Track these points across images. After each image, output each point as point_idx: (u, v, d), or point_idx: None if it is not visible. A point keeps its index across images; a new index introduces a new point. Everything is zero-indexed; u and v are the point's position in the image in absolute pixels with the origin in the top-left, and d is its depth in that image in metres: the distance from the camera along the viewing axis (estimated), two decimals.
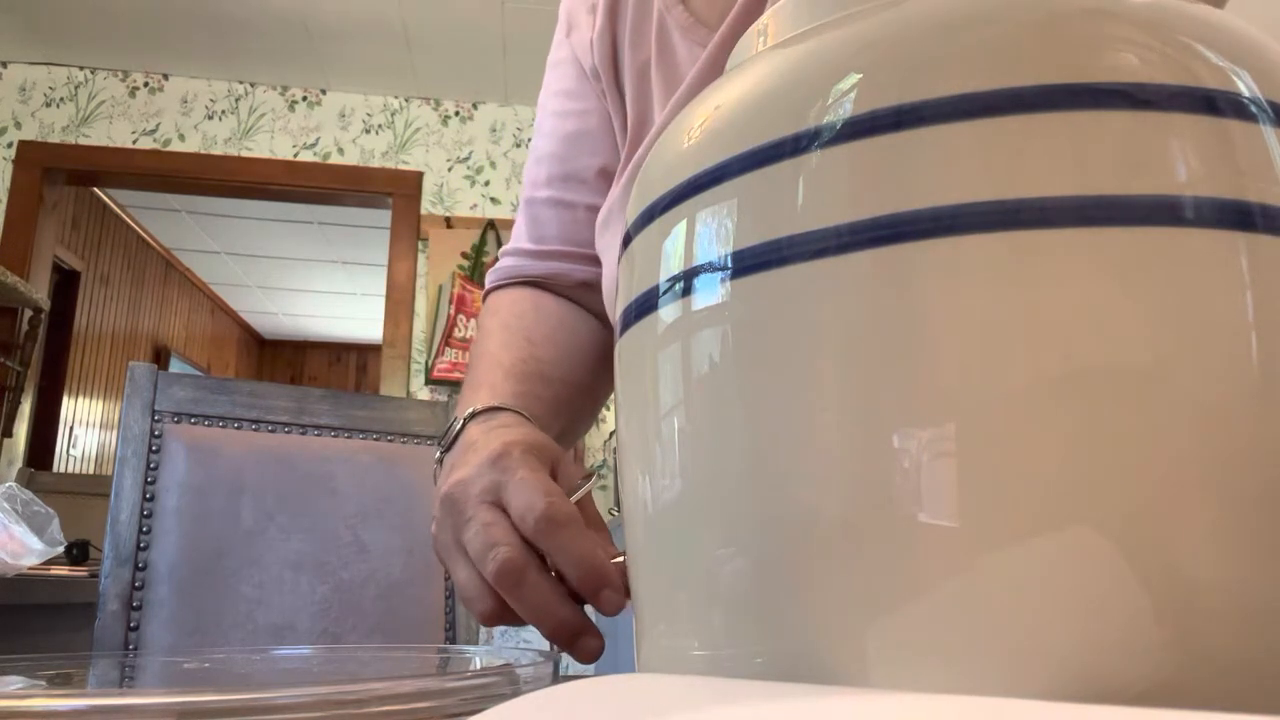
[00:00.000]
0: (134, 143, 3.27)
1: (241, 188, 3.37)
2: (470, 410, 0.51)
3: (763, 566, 0.21)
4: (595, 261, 0.65)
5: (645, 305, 0.25)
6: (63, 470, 4.00)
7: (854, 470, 0.20)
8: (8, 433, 3.06)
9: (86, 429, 4.37)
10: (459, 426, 0.50)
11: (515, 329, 0.62)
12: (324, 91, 3.41)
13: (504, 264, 0.68)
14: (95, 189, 4.12)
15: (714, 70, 0.54)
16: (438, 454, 0.51)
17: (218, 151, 3.30)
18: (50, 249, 3.30)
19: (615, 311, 0.29)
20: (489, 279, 0.69)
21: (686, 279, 0.24)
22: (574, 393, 0.61)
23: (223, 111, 3.35)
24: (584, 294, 0.66)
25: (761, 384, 0.22)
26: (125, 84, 3.33)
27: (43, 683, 0.36)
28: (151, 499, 0.98)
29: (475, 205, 3.35)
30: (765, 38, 0.27)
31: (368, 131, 3.39)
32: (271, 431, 1.07)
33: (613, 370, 0.66)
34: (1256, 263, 0.19)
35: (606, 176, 0.65)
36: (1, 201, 3.14)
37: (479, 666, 0.43)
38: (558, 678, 0.31)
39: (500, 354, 0.59)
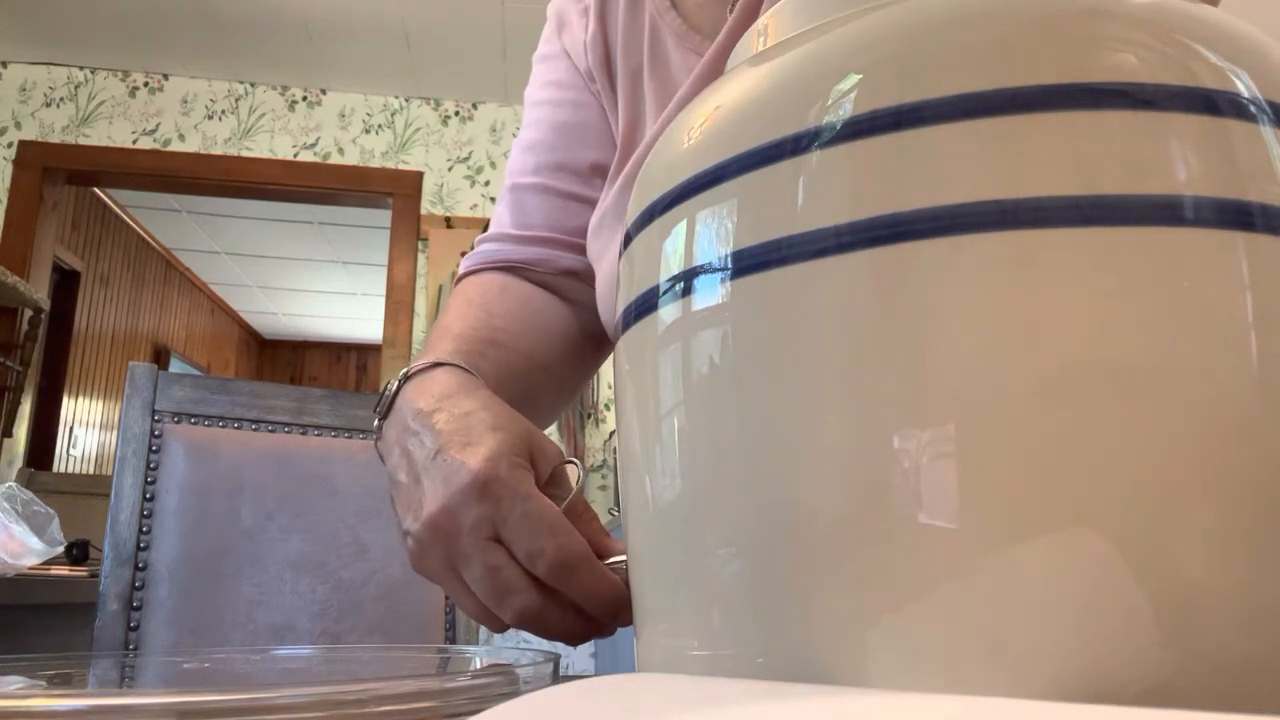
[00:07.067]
0: (134, 143, 3.27)
1: (241, 188, 3.37)
2: (404, 371, 0.48)
3: (763, 567, 0.21)
4: (583, 250, 0.63)
5: (645, 305, 0.25)
6: (63, 470, 4.00)
7: (854, 471, 0.20)
8: (8, 433, 3.06)
9: (86, 429, 4.37)
10: (394, 388, 0.47)
11: (476, 303, 0.60)
12: (324, 91, 3.42)
13: (481, 249, 0.65)
14: (95, 189, 4.12)
15: (709, 80, 0.53)
16: (375, 421, 0.48)
17: (218, 151, 3.30)
18: (50, 249, 3.30)
19: (613, 314, 0.29)
20: (463, 265, 0.66)
21: (686, 279, 0.24)
22: (531, 364, 0.59)
23: (223, 111, 3.35)
24: (566, 282, 0.64)
25: (761, 384, 0.22)
26: (125, 84, 3.33)
27: (43, 683, 0.36)
28: (151, 499, 0.98)
29: (475, 205, 3.36)
30: (765, 38, 0.27)
31: (368, 131, 3.39)
32: (271, 431, 1.07)
33: (582, 359, 0.66)
34: (1256, 263, 0.19)
35: (599, 172, 0.64)
36: (1, 201, 3.14)
37: (479, 666, 0.43)
38: (558, 678, 0.31)
39: (453, 324, 0.57)
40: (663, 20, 0.61)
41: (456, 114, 3.45)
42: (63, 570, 1.51)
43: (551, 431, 2.91)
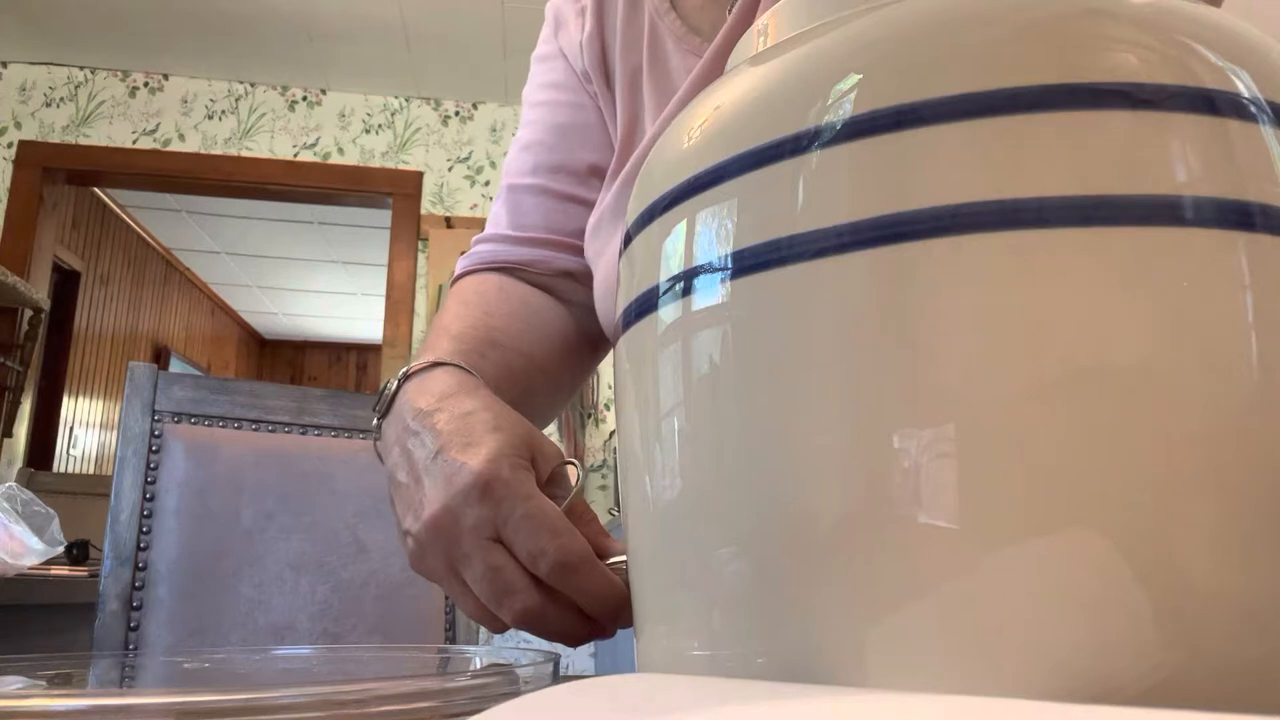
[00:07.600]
0: (134, 143, 3.27)
1: (241, 188, 3.37)
2: (404, 370, 0.48)
3: (763, 567, 0.21)
4: (579, 251, 0.63)
5: (645, 305, 0.25)
6: (63, 470, 4.00)
7: (854, 471, 0.20)
8: (8, 433, 3.06)
9: (86, 429, 4.37)
10: (393, 387, 0.47)
11: (474, 304, 0.60)
12: (324, 91, 3.41)
13: (478, 250, 0.65)
14: (95, 189, 4.12)
15: (708, 80, 0.53)
16: (375, 420, 0.48)
17: (218, 151, 3.30)
18: (50, 249, 3.30)
19: (612, 314, 0.29)
20: (460, 265, 0.66)
21: (687, 279, 0.24)
22: (529, 365, 0.59)
23: (223, 111, 3.35)
24: (563, 283, 0.64)
25: (761, 384, 0.22)
26: (125, 84, 3.33)
27: (43, 683, 0.36)
28: (151, 499, 0.98)
29: (475, 205, 3.36)
30: (765, 38, 0.27)
31: (368, 131, 3.39)
32: (271, 431, 1.07)
33: (579, 360, 0.66)
34: (1256, 263, 0.19)
35: (597, 173, 0.64)
36: (1, 201, 3.14)
37: (479, 666, 0.43)
38: (558, 678, 0.31)
39: (451, 324, 0.57)
40: (662, 21, 0.61)
41: (456, 114, 3.45)
42: (63, 570, 1.51)
43: (551, 431, 2.91)
